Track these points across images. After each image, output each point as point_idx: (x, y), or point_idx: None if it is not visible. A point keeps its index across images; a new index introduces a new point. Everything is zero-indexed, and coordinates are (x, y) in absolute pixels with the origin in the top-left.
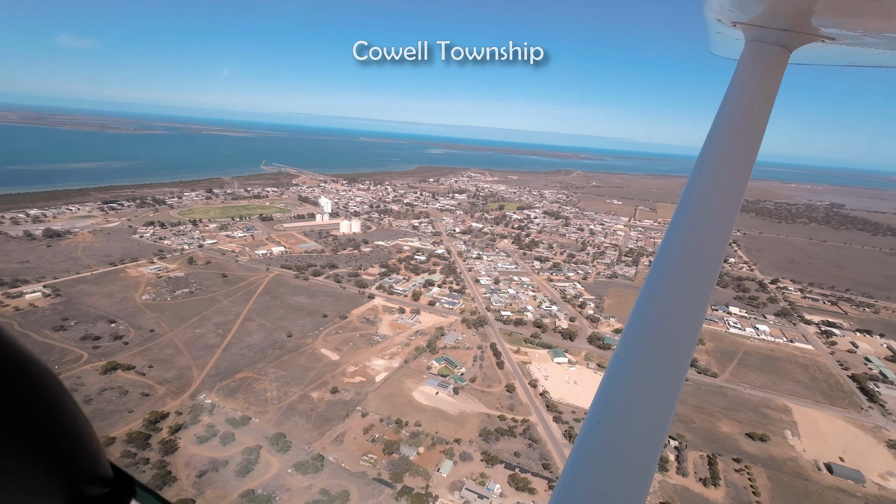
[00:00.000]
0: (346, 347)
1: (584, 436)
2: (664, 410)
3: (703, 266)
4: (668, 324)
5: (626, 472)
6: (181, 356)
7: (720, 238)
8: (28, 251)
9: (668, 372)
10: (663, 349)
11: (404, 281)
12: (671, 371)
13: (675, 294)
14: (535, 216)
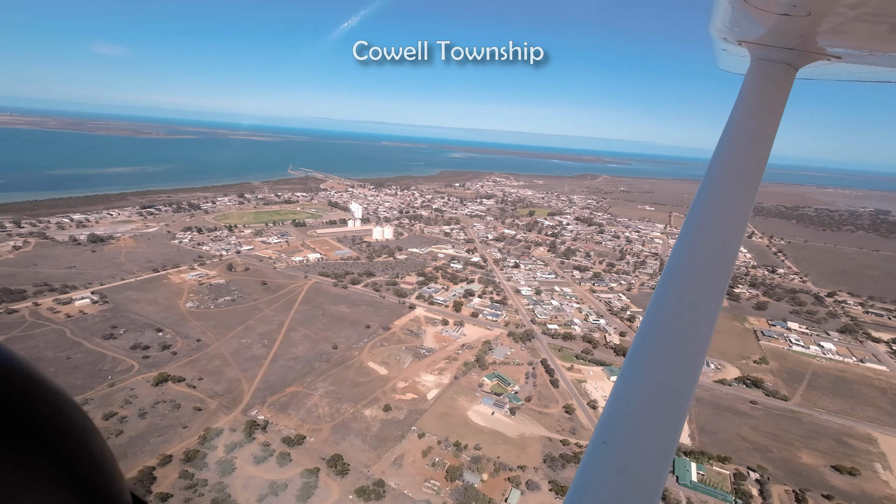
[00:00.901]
0: (393, 361)
1: (589, 456)
2: (671, 430)
3: (709, 282)
4: (673, 344)
5: (632, 493)
6: (229, 368)
7: (727, 256)
8: (74, 256)
9: (675, 391)
10: (670, 368)
11: (443, 290)
12: (678, 390)
13: (681, 313)
14: (568, 223)
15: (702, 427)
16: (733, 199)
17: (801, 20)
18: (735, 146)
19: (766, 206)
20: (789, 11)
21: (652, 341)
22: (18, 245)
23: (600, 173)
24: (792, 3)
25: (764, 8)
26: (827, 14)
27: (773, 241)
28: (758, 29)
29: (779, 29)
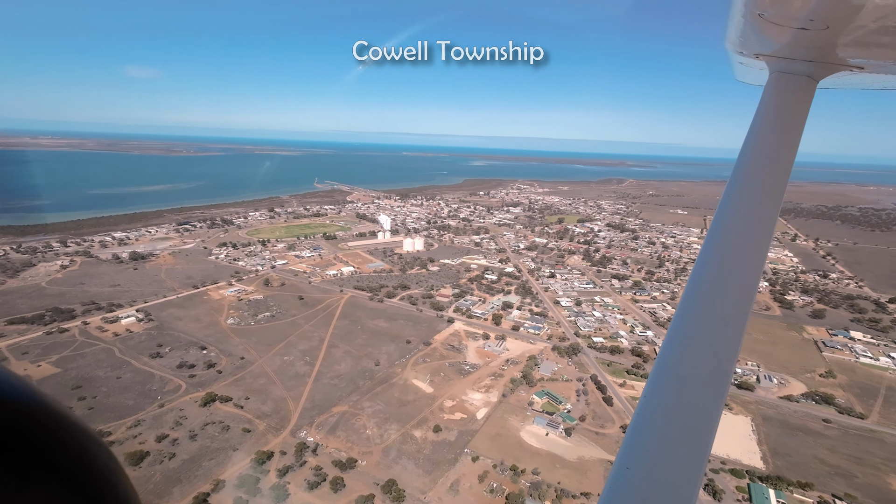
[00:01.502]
0: (438, 378)
1: (612, 483)
2: (699, 454)
3: (733, 299)
4: (699, 364)
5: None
6: (274, 386)
7: (753, 271)
8: (118, 274)
9: (702, 412)
10: (696, 388)
11: (481, 303)
12: (706, 411)
13: (706, 332)
14: (599, 229)
15: (774, 449)
16: (758, 213)
17: (820, 33)
18: (756, 162)
19: (806, 207)
20: (806, 25)
21: (676, 360)
22: (66, 264)
23: (626, 177)
24: (808, 17)
25: (780, 23)
26: (846, 27)
27: (819, 244)
28: (775, 43)
29: (797, 42)
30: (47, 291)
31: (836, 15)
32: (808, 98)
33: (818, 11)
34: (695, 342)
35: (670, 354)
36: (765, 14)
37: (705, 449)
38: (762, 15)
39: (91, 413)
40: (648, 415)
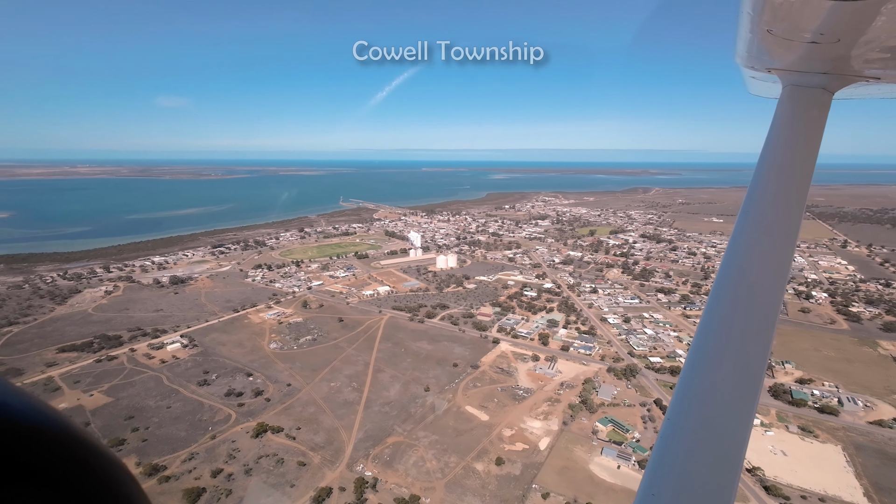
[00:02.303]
0: (492, 404)
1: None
2: (728, 479)
3: (757, 316)
4: (726, 390)
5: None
6: (324, 415)
7: (777, 282)
8: (160, 299)
9: (731, 434)
10: (723, 413)
11: (524, 322)
12: (734, 433)
13: (730, 350)
14: (634, 240)
15: (877, 483)
16: (780, 226)
17: (832, 46)
18: (774, 178)
19: (849, 211)
20: (817, 39)
21: (701, 383)
22: (110, 290)
23: (651, 186)
24: (819, 31)
25: (790, 38)
26: (857, 39)
27: (874, 250)
28: (786, 57)
29: (808, 55)
30: (94, 318)
31: (846, 29)
32: (825, 110)
33: (827, 26)
34: (719, 361)
35: (695, 374)
36: (773, 30)
37: (735, 472)
38: (770, 31)
39: (145, 445)
40: (675, 437)
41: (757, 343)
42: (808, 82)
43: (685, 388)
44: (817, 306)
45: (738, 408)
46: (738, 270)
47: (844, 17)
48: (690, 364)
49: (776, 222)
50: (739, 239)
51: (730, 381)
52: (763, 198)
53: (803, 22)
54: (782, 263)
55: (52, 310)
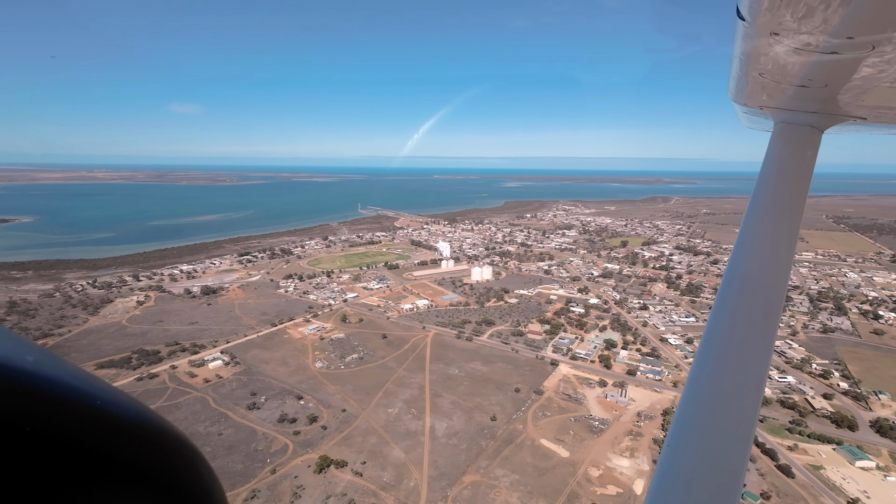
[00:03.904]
0: (568, 437)
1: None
2: (732, 489)
3: (751, 349)
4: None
5: None
6: (388, 447)
7: (769, 318)
8: (193, 310)
9: (734, 450)
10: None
11: (579, 341)
12: (737, 449)
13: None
14: (670, 252)
15: None
16: (771, 264)
17: (820, 90)
18: (767, 210)
19: (885, 223)
20: (806, 84)
21: (700, 411)
22: (141, 300)
23: (670, 195)
24: (807, 76)
25: (780, 81)
26: (843, 85)
27: None
28: (777, 98)
29: (798, 96)
30: (129, 330)
31: (831, 78)
32: (815, 147)
33: (813, 74)
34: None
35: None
36: (764, 74)
37: (740, 475)
38: (761, 75)
39: None
40: (681, 443)
41: (751, 388)
42: (799, 120)
43: (690, 395)
44: (889, 327)
45: (741, 413)
46: (735, 300)
47: (828, 68)
48: (695, 373)
49: (770, 255)
50: (736, 267)
51: (734, 390)
52: (758, 232)
53: (792, 69)
54: (775, 299)
55: (85, 321)
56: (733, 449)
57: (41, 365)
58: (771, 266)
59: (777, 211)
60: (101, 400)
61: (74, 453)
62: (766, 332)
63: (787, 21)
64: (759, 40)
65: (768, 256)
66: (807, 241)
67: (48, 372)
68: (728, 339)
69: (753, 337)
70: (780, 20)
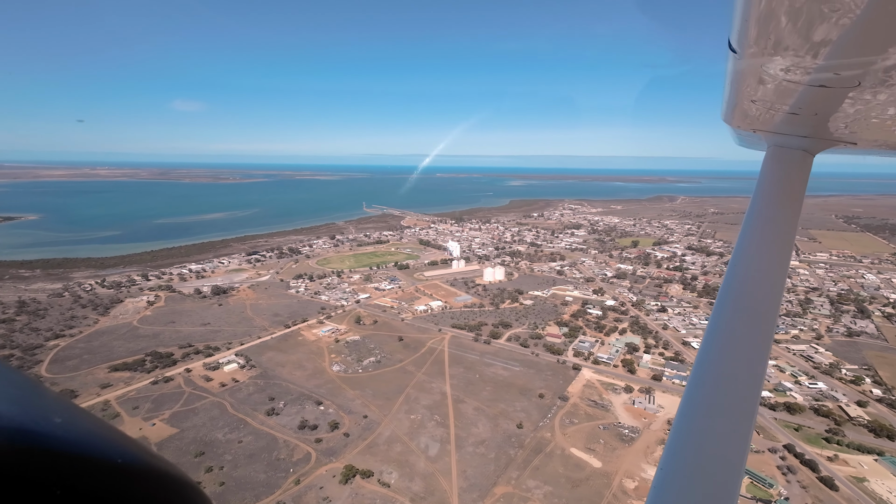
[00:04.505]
0: (598, 446)
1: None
2: (731, 490)
3: (745, 370)
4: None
5: None
6: (414, 456)
7: (763, 337)
8: (204, 311)
9: (733, 451)
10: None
11: (599, 345)
12: (736, 450)
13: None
14: (683, 253)
15: None
16: (764, 283)
17: (811, 117)
18: (760, 231)
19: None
20: (797, 111)
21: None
22: (151, 300)
23: (676, 194)
24: (798, 105)
25: (771, 108)
26: (833, 114)
27: None
28: (769, 123)
29: (790, 122)
30: (140, 332)
31: (821, 107)
32: (806, 170)
33: (803, 103)
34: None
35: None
36: (756, 101)
37: (738, 476)
38: (753, 101)
39: (224, 491)
40: (683, 445)
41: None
42: (791, 144)
43: (690, 398)
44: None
45: (739, 416)
46: (729, 318)
47: (817, 99)
48: (695, 376)
49: (764, 274)
50: (730, 287)
51: (732, 394)
52: (751, 253)
53: (782, 98)
54: (768, 316)
55: (95, 321)
56: (732, 448)
57: (68, 426)
58: (764, 284)
59: (770, 232)
60: (120, 455)
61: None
62: (760, 351)
63: (775, 55)
64: (750, 71)
65: (762, 276)
66: (819, 242)
67: (74, 432)
68: (723, 358)
69: (747, 357)
70: (768, 54)
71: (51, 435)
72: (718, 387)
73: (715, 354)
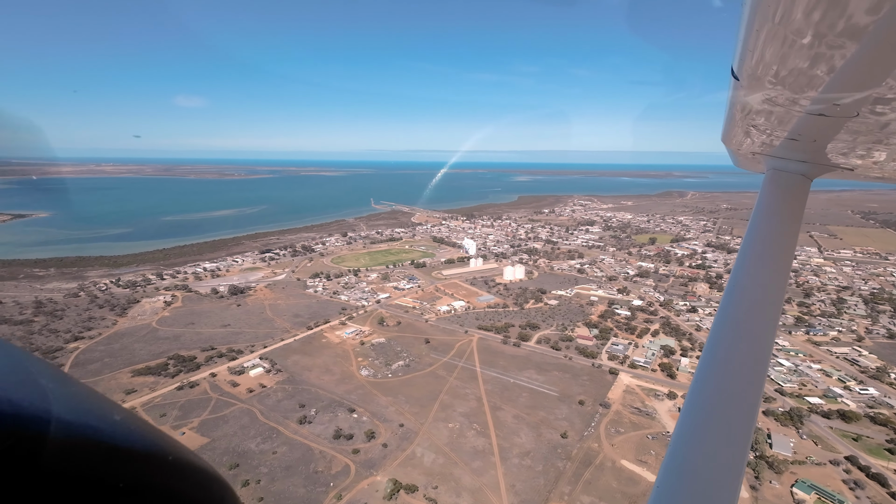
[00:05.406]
0: (650, 458)
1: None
2: (733, 485)
3: (743, 387)
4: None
5: None
6: (458, 469)
7: (760, 358)
8: (223, 311)
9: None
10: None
11: (633, 347)
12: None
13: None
14: (703, 250)
15: None
16: (762, 302)
17: (810, 143)
18: (759, 253)
19: None
20: (796, 137)
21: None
22: (168, 300)
23: (685, 189)
24: (797, 131)
25: (771, 133)
26: (830, 141)
27: None
28: (768, 147)
29: (789, 147)
30: (160, 333)
31: (820, 134)
32: (804, 194)
33: (803, 129)
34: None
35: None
36: (756, 126)
37: (740, 471)
38: (754, 126)
39: None
40: (687, 440)
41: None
42: (789, 168)
43: (696, 393)
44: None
45: (742, 413)
46: (728, 341)
47: (817, 126)
48: (700, 373)
49: (762, 295)
50: (730, 305)
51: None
52: (750, 274)
53: (782, 125)
54: (769, 327)
55: (114, 322)
56: (733, 448)
57: (124, 424)
58: (762, 303)
59: (768, 253)
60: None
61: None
62: (757, 369)
63: (776, 83)
64: (751, 98)
65: (759, 294)
66: (841, 239)
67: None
68: (721, 375)
69: (743, 376)
70: (770, 82)
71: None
72: (717, 402)
73: (713, 373)
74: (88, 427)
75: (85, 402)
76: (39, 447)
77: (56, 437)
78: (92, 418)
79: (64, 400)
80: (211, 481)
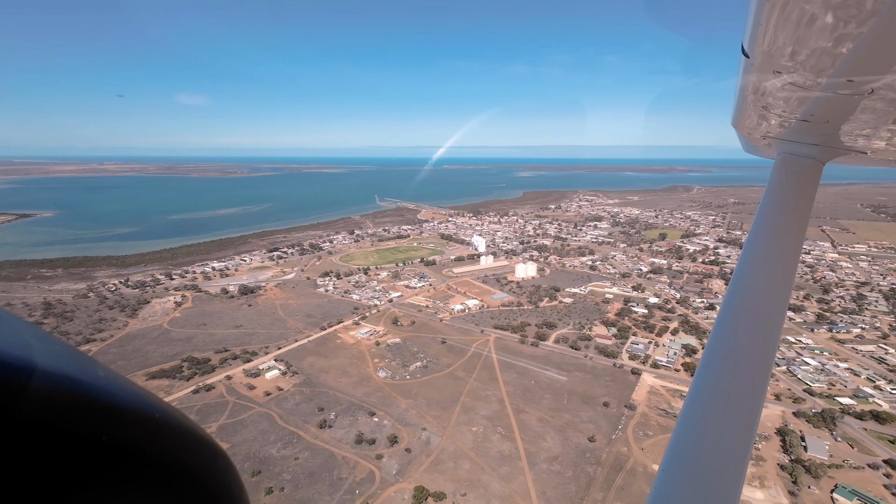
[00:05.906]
0: None
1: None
2: (736, 483)
3: (749, 374)
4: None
5: None
6: (485, 475)
7: (768, 345)
8: (234, 311)
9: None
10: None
11: (654, 346)
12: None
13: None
14: (715, 246)
15: None
16: (770, 290)
17: (822, 125)
18: (768, 239)
19: None
20: (808, 119)
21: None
22: (179, 301)
23: (690, 184)
24: (809, 112)
25: (782, 115)
26: (844, 122)
27: None
28: (780, 130)
29: (801, 130)
30: (172, 335)
31: (833, 114)
32: (815, 178)
33: (815, 110)
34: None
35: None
36: (767, 108)
37: (742, 469)
38: (765, 108)
39: None
40: (688, 437)
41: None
42: (801, 152)
43: (697, 392)
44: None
45: (746, 410)
46: (734, 322)
47: (829, 106)
48: (702, 370)
49: (770, 283)
50: (737, 292)
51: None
52: (758, 262)
53: (793, 105)
54: (776, 318)
55: (125, 324)
56: (735, 449)
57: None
58: (770, 290)
59: (778, 239)
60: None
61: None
62: (764, 358)
63: (789, 61)
64: (763, 77)
65: (768, 282)
66: (853, 233)
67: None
68: (727, 365)
69: (750, 365)
70: (782, 60)
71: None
72: (721, 392)
73: (719, 361)
74: (71, 379)
75: (68, 356)
76: (20, 395)
77: (38, 387)
78: (75, 371)
79: (47, 353)
80: (201, 443)
